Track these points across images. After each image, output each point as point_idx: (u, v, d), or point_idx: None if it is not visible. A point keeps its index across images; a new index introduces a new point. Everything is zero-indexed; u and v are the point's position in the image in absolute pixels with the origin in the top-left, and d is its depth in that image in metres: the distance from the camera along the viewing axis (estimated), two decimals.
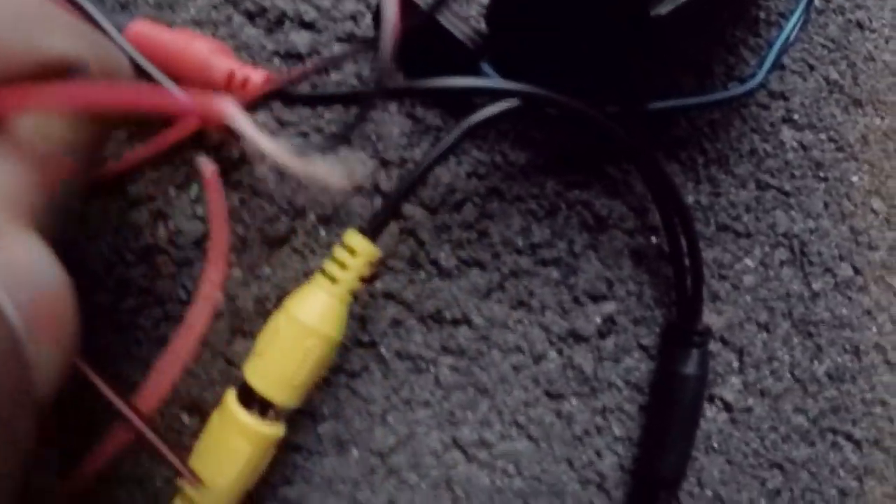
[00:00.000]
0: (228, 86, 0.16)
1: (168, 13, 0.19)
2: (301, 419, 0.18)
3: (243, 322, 0.18)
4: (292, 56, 0.19)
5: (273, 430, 0.16)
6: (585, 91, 0.18)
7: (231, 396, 0.16)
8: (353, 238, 0.16)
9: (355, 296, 0.18)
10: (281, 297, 0.18)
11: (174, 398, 0.19)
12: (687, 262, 0.19)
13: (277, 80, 0.16)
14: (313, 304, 0.16)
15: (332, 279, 0.16)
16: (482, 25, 0.19)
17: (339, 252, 0.16)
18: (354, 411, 0.18)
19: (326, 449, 0.18)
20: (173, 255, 0.19)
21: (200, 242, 0.19)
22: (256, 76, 0.16)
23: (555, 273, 0.19)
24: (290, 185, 0.18)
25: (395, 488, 0.18)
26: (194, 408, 0.19)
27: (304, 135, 0.19)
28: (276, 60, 0.19)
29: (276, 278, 0.18)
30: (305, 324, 0.15)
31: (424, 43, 0.18)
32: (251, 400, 0.16)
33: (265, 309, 0.18)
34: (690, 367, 0.18)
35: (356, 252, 0.16)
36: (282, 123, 0.19)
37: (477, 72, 0.18)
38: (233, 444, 0.16)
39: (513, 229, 0.18)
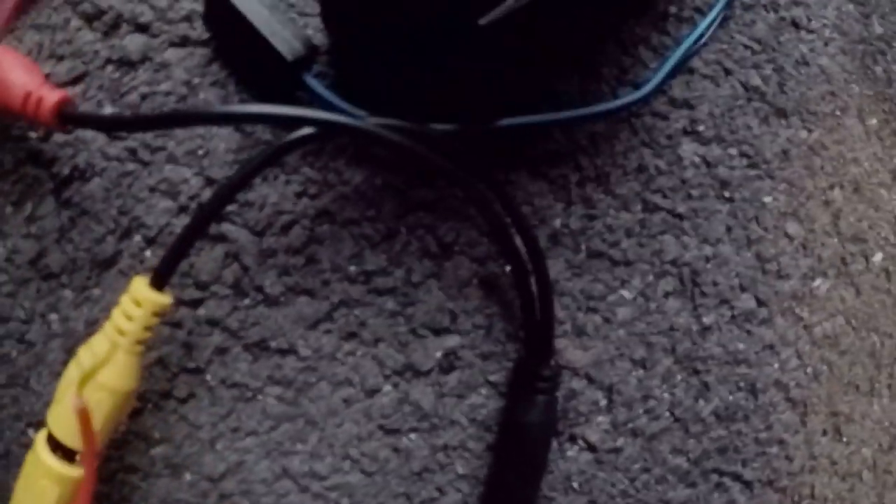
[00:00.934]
0: (24, 106, 0.15)
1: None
2: (135, 441, 0.18)
3: (76, 343, 0.18)
4: (125, 63, 0.17)
5: (80, 472, 0.16)
6: (433, 106, 0.16)
7: (41, 438, 0.16)
8: (139, 288, 0.15)
9: (180, 323, 0.17)
10: None
11: (20, 414, 0.18)
12: (535, 294, 0.17)
13: (71, 103, 0.15)
14: (99, 357, 0.15)
15: (120, 331, 0.15)
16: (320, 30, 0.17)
17: (125, 302, 0.15)
18: (184, 437, 0.17)
19: (160, 471, 0.18)
20: (11, 273, 0.18)
21: (35, 262, 0.18)
22: (51, 97, 0.15)
23: (390, 303, 0.17)
24: (117, 203, 0.17)
25: None
26: (40, 424, 0.18)
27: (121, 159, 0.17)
28: (110, 68, 0.18)
29: (105, 300, 0.17)
30: (91, 376, 0.15)
31: (248, 48, 0.16)
32: (56, 444, 0.15)
33: (95, 331, 0.18)
34: (534, 416, 0.17)
35: (141, 303, 0.15)
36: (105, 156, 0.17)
37: (299, 85, 0.16)
38: (41, 485, 0.16)
39: (343, 255, 0.17)
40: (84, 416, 0.14)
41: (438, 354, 0.17)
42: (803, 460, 0.21)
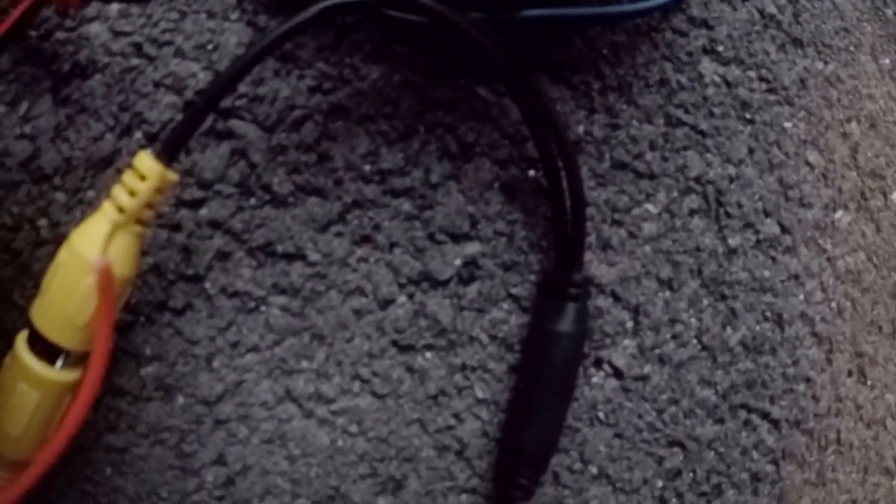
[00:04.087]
0: None
1: None
2: (124, 360, 0.15)
3: None
4: None
5: (63, 375, 0.13)
6: None
7: (21, 338, 0.13)
8: (143, 160, 0.13)
9: (178, 225, 0.15)
10: None
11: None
12: (567, 200, 0.15)
13: None
14: (95, 237, 0.12)
15: (119, 208, 0.13)
16: None
17: (128, 177, 0.13)
18: (178, 353, 0.15)
19: (150, 394, 0.15)
20: (1, 177, 0.16)
21: (27, 163, 0.16)
22: None
23: (406, 205, 0.15)
24: (118, 100, 0.15)
25: (223, 441, 0.15)
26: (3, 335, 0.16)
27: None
28: None
29: (100, 202, 0.15)
30: (85, 259, 0.12)
31: None
32: (39, 342, 0.13)
33: None
34: (565, 325, 0.15)
35: (146, 177, 0.12)
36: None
37: None
38: (20, 389, 0.13)
39: (358, 153, 0.15)
40: (106, 278, 0.12)
41: (458, 263, 0.15)
42: (829, 402, 0.19)
